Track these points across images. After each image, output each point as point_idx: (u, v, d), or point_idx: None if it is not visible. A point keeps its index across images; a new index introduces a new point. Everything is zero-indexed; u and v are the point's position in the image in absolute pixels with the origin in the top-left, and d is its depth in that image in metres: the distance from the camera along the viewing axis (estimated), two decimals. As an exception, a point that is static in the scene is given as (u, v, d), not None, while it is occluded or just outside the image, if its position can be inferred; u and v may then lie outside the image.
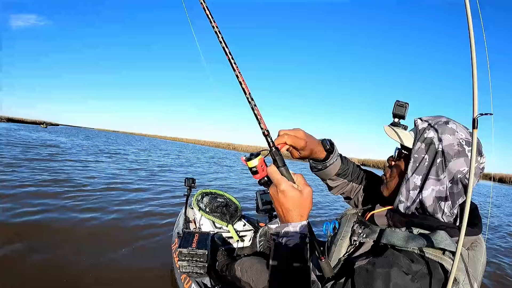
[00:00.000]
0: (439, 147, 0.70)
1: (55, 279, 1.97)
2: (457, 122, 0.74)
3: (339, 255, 0.80)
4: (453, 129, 0.71)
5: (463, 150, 0.68)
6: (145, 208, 3.88)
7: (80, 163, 7.21)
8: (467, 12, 0.58)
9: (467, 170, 0.68)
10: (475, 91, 0.60)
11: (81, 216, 3.24)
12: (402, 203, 0.74)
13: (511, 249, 4.19)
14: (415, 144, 0.74)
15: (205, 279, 1.59)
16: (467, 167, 0.68)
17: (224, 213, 2.00)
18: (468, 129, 0.72)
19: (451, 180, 0.69)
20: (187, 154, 18.13)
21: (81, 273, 2.08)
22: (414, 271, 0.60)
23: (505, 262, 3.55)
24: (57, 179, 4.82)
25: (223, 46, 0.64)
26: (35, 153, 7.93)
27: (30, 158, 6.70)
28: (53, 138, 15.47)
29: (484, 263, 0.72)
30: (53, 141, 13.15)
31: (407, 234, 0.69)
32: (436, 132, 0.72)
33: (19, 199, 3.51)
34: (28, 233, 2.61)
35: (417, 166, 0.73)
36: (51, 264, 2.15)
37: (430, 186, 0.70)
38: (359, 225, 0.82)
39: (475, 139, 0.60)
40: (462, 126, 0.73)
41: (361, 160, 35.22)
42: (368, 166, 30.50)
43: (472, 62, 0.59)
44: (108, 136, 35.16)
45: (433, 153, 0.71)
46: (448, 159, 0.69)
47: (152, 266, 2.31)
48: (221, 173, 9.63)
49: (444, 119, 0.74)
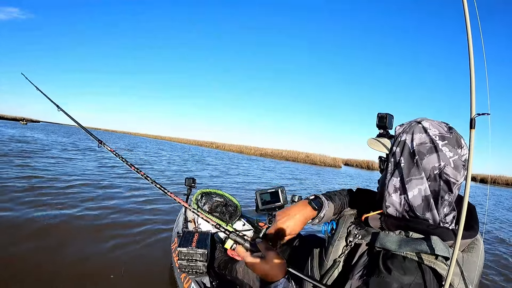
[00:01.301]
0: (412, 147, 0.71)
1: (50, 278, 1.97)
2: (431, 119, 0.74)
3: (336, 256, 0.81)
4: (425, 127, 0.71)
5: (436, 146, 0.68)
6: (144, 206, 3.87)
7: (78, 161, 7.19)
8: (465, 14, 0.59)
9: (443, 165, 0.67)
10: (472, 92, 0.61)
11: (78, 213, 3.23)
12: (390, 207, 0.74)
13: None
14: (391, 149, 0.76)
15: (205, 278, 1.59)
16: (442, 161, 0.67)
17: (224, 212, 2.01)
18: (447, 124, 0.73)
19: (429, 178, 0.69)
20: (179, 153, 18.10)
21: (77, 272, 2.08)
22: (407, 284, 0.61)
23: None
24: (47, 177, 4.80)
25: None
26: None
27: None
28: (28, 135, 14.83)
29: (481, 265, 0.71)
30: (28, 138, 12.69)
31: (400, 238, 0.69)
32: (409, 134, 0.73)
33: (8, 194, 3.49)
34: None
35: (394, 169, 0.74)
36: (47, 262, 2.15)
37: (415, 187, 0.70)
38: (355, 226, 0.83)
39: (473, 139, 0.61)
40: (438, 122, 0.73)
41: (344, 160, 35.30)
42: (351, 166, 30.57)
43: (470, 64, 0.60)
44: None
45: (408, 154, 0.71)
46: (421, 157, 0.69)
47: (151, 265, 2.31)
48: (219, 173, 9.63)
49: (419, 119, 0.75)
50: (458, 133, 0.71)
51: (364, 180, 15.21)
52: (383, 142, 0.82)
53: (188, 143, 46.18)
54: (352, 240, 0.79)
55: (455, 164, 0.67)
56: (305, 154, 31.38)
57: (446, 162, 0.67)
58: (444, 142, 0.68)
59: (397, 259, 0.66)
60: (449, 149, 0.68)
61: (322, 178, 13.43)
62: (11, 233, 2.54)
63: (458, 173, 0.68)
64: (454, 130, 0.72)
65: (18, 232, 2.57)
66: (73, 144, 12.68)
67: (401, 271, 0.63)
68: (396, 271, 0.63)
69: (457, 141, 0.69)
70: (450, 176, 0.68)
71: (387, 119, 0.89)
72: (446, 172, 0.67)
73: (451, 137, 0.69)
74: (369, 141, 0.86)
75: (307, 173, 14.50)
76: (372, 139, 0.86)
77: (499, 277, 3.06)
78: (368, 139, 0.87)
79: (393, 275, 0.62)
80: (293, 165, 21.40)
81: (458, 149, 0.68)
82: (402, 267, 0.64)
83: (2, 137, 11.39)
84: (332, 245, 0.84)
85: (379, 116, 0.90)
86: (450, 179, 0.68)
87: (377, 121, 0.91)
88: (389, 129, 0.91)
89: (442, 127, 0.71)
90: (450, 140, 0.69)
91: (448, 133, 0.70)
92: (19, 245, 2.34)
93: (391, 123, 0.91)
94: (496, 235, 4.91)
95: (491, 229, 5.29)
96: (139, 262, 2.35)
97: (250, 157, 25.00)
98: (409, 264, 0.64)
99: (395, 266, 0.64)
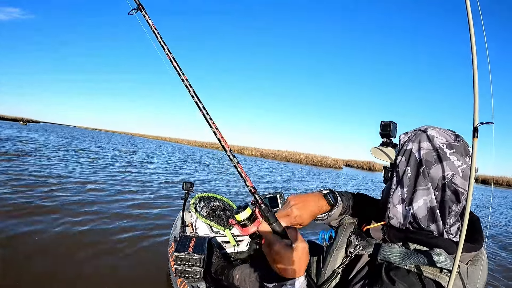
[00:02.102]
0: (419, 157, 0.68)
1: (48, 283, 1.95)
2: (437, 127, 0.71)
3: (334, 266, 0.78)
4: (431, 135, 0.69)
5: (444, 155, 0.66)
6: (142, 210, 3.86)
7: (77, 162, 7.19)
8: (469, 20, 0.57)
9: (452, 174, 0.65)
10: (476, 100, 0.59)
11: (76, 218, 3.21)
12: (393, 219, 0.72)
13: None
14: (397, 158, 0.73)
15: (201, 283, 1.58)
16: (451, 171, 0.65)
17: (222, 217, 1.99)
18: (453, 132, 0.70)
19: (436, 188, 0.66)
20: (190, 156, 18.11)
21: (75, 278, 2.06)
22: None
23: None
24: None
25: (201, 109, 0.68)
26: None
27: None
28: (25, 135, 14.73)
29: (484, 278, 0.69)
30: (25, 138, 12.66)
31: (403, 250, 0.67)
32: (415, 142, 0.70)
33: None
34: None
35: (400, 179, 0.71)
36: (43, 268, 2.13)
37: (421, 198, 0.68)
38: (355, 236, 0.80)
39: (476, 148, 0.59)
40: (444, 130, 0.70)
41: (345, 160, 35.27)
42: (352, 167, 30.46)
43: (473, 71, 0.57)
44: (88, 134, 34.80)
45: (414, 164, 0.69)
46: (429, 167, 0.67)
47: (148, 269, 2.30)
48: (217, 176, 9.62)
49: (424, 127, 0.72)
50: (465, 141, 0.69)
51: (365, 181, 15.15)
52: (387, 151, 0.80)
53: (188, 144, 46.19)
54: (353, 251, 0.77)
55: (463, 174, 0.65)
56: (305, 155, 31.23)
57: (454, 171, 0.65)
58: (452, 150, 0.66)
59: (401, 272, 0.64)
60: (457, 158, 0.65)
61: (323, 179, 13.38)
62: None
63: (466, 183, 0.65)
64: (462, 138, 0.69)
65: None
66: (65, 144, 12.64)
67: (405, 284, 0.61)
68: (399, 283, 0.61)
69: (465, 149, 0.67)
70: (458, 186, 0.65)
71: (391, 128, 0.86)
72: (454, 181, 0.65)
73: (459, 145, 0.67)
74: (372, 151, 0.83)
75: (307, 175, 14.46)
76: (375, 148, 0.83)
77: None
78: (372, 148, 0.84)
79: (397, 287, 0.61)
80: (294, 166, 21.35)
81: (466, 158, 0.66)
82: (405, 280, 0.62)
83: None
84: (331, 254, 0.81)
85: (382, 124, 0.87)
86: (459, 188, 0.65)
87: (380, 129, 0.88)
88: (392, 137, 0.88)
89: (449, 135, 0.69)
90: (458, 148, 0.67)
91: (456, 141, 0.68)
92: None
93: (394, 131, 0.88)
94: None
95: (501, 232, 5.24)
96: (135, 266, 2.34)
97: (250, 158, 24.95)
98: (413, 277, 0.63)
99: (398, 278, 0.62)
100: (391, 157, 0.78)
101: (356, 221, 0.90)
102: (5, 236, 2.49)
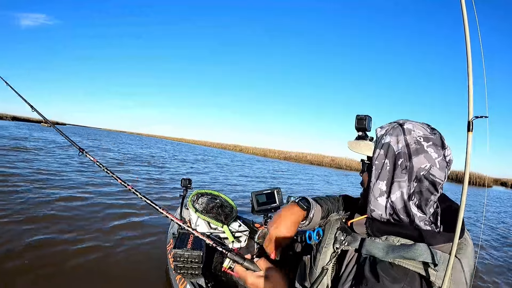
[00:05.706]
0: (397, 149, 0.70)
1: (45, 278, 1.95)
2: (414, 121, 0.74)
3: (324, 263, 0.79)
4: (409, 129, 0.71)
5: (421, 147, 0.68)
6: (141, 203, 3.86)
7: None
8: (463, 14, 0.56)
9: (429, 166, 0.67)
10: (470, 93, 0.59)
11: (71, 213, 3.22)
12: (374, 211, 0.74)
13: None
14: (375, 151, 0.75)
15: (200, 279, 1.59)
16: (428, 163, 0.67)
17: (219, 213, 1.99)
18: (428, 125, 0.73)
19: (415, 179, 0.69)
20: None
21: (77, 274, 2.07)
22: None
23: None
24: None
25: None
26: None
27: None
28: (39, 136, 14.38)
29: (472, 265, 0.70)
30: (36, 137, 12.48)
31: (387, 244, 0.69)
32: (393, 136, 0.72)
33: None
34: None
35: (379, 172, 0.73)
36: (41, 259, 2.14)
37: (397, 189, 0.70)
38: (341, 232, 0.81)
39: (470, 143, 0.59)
40: (420, 124, 0.73)
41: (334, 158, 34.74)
42: (340, 169, 30.26)
43: (468, 66, 0.57)
44: (112, 136, 34.54)
45: (392, 156, 0.71)
46: (407, 159, 0.69)
47: (147, 266, 2.31)
48: (215, 173, 9.63)
49: (401, 121, 0.74)
50: (440, 133, 0.71)
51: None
52: (364, 144, 0.81)
53: (212, 146, 45.85)
54: (339, 246, 0.78)
55: (440, 165, 0.67)
56: (330, 157, 30.34)
57: (432, 163, 0.67)
58: (429, 143, 0.68)
59: (385, 266, 0.65)
60: (434, 150, 0.68)
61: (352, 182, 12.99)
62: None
63: (443, 174, 0.68)
64: (437, 131, 0.72)
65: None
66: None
67: (390, 279, 0.62)
68: (384, 278, 0.62)
69: (441, 142, 0.69)
70: (436, 177, 0.68)
71: (366, 121, 0.90)
72: (432, 173, 0.67)
73: (435, 138, 0.69)
74: (349, 144, 0.84)
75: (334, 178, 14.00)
76: (353, 142, 0.84)
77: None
78: (348, 142, 0.85)
79: (382, 282, 0.62)
80: (318, 169, 20.83)
81: (442, 150, 0.68)
82: (390, 274, 0.63)
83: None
84: (320, 252, 0.83)
85: (358, 118, 0.91)
86: (436, 179, 0.68)
87: (356, 123, 0.91)
88: (368, 131, 0.91)
89: (425, 128, 0.71)
90: (434, 141, 0.69)
91: (432, 134, 0.70)
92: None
93: (370, 125, 0.92)
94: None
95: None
96: (134, 262, 2.35)
97: (272, 160, 24.22)
98: (397, 271, 0.64)
99: (383, 273, 0.63)
100: (365, 151, 0.79)
101: (342, 217, 0.91)
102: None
